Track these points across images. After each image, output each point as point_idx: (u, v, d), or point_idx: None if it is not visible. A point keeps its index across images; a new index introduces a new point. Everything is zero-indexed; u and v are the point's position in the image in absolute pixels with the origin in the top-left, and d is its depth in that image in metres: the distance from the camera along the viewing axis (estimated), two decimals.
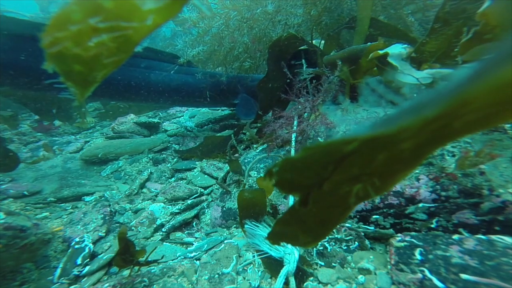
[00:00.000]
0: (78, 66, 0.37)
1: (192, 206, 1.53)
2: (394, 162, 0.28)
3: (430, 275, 0.84)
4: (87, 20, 0.35)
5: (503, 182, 0.97)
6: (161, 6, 0.35)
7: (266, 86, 1.89)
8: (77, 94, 0.41)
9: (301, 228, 0.37)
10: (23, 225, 1.11)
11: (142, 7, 0.35)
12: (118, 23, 0.36)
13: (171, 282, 1.05)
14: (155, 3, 0.35)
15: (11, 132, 2.67)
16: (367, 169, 0.29)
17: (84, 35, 0.36)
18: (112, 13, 0.35)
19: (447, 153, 1.10)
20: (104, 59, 0.38)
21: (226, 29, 1.94)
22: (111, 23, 0.36)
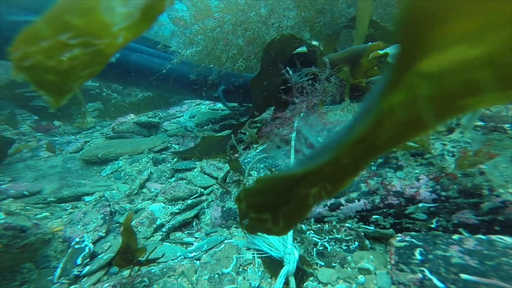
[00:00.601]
0: (51, 76, 0.39)
1: (192, 206, 1.53)
2: (338, 172, 0.34)
3: (430, 275, 0.84)
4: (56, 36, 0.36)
5: (503, 182, 0.97)
6: (130, 24, 0.37)
7: (260, 84, 1.89)
8: (51, 102, 0.42)
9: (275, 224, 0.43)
10: (23, 225, 1.11)
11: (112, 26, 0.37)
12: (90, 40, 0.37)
13: (171, 282, 1.05)
14: (125, 22, 0.37)
15: (11, 132, 2.67)
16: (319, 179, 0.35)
17: (55, 50, 0.37)
18: (82, 30, 0.37)
19: (447, 153, 1.10)
20: (78, 71, 0.39)
21: (220, 32, 1.95)
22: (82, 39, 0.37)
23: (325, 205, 1.16)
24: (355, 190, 1.14)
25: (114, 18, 0.37)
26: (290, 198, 0.39)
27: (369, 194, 1.11)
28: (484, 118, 1.32)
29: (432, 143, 1.15)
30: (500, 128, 1.24)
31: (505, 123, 1.26)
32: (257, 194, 0.39)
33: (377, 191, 1.10)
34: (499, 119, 1.28)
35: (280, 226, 0.42)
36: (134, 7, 0.37)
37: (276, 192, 0.38)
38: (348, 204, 1.13)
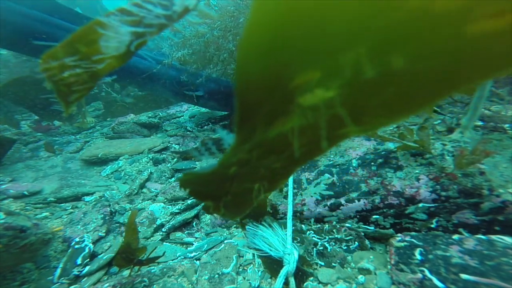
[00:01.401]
0: (63, 87, 0.54)
1: (192, 206, 1.53)
2: (272, 174, 0.39)
3: (430, 275, 0.84)
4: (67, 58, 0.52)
5: (503, 182, 0.97)
6: (117, 55, 0.52)
7: None
8: (63, 107, 0.58)
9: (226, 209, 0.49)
10: (23, 225, 1.11)
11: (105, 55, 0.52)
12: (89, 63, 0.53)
13: (171, 282, 1.05)
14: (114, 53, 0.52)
15: (11, 132, 2.67)
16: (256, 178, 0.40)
17: (65, 68, 0.52)
18: (85, 55, 0.52)
19: (447, 153, 1.10)
20: (79, 85, 0.54)
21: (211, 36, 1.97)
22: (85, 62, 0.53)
23: (325, 205, 1.16)
24: (355, 190, 1.14)
25: (108, 50, 0.52)
26: (227, 191, 0.44)
27: (369, 194, 1.11)
28: (484, 118, 1.32)
29: (432, 143, 1.15)
30: (500, 128, 1.24)
31: (504, 123, 1.26)
32: (196, 184, 0.44)
33: (377, 191, 1.10)
34: (499, 119, 1.28)
35: (222, 213, 0.48)
36: (121, 43, 0.51)
37: (213, 184, 0.43)
38: (348, 204, 1.13)
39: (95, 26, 0.50)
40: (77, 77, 0.54)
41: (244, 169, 0.38)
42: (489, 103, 1.42)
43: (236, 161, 0.36)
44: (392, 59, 0.21)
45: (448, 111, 1.49)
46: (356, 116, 0.25)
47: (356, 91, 0.23)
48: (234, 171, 0.39)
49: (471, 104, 1.13)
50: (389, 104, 0.24)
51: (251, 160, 0.36)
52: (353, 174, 1.19)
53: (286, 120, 0.28)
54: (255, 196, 0.44)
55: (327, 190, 1.18)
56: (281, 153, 0.33)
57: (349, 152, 1.29)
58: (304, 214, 1.19)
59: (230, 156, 0.35)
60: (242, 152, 0.34)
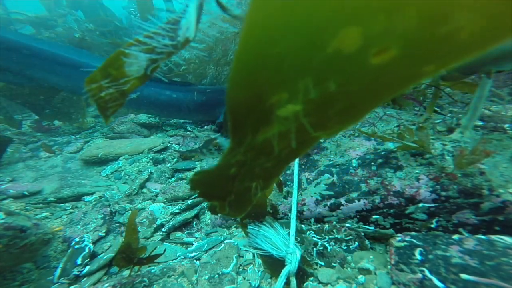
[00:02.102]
0: (102, 104, 0.72)
1: (192, 206, 1.53)
2: (265, 173, 0.47)
3: (430, 275, 0.84)
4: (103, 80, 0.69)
5: (503, 182, 0.97)
6: (138, 77, 0.68)
7: None
8: (103, 119, 0.76)
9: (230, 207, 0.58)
10: (23, 225, 1.11)
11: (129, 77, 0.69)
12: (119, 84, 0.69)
13: (171, 282, 1.05)
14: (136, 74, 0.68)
15: (11, 132, 2.67)
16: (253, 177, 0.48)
17: (102, 88, 0.70)
18: (115, 77, 0.69)
19: (447, 153, 1.10)
20: (112, 102, 0.72)
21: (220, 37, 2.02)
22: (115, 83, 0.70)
23: (325, 205, 1.16)
24: (355, 190, 1.14)
25: (131, 73, 0.68)
26: (231, 191, 0.52)
27: (369, 194, 1.11)
28: (484, 118, 1.32)
29: (432, 143, 1.15)
30: (500, 128, 1.24)
31: (504, 123, 1.26)
32: (204, 185, 0.51)
33: (377, 191, 1.10)
34: (499, 119, 1.28)
35: (227, 212, 0.56)
36: (140, 67, 0.67)
37: (218, 185, 0.51)
38: (348, 204, 1.13)
39: (120, 54, 0.67)
40: (111, 96, 0.72)
41: (243, 169, 0.46)
42: (489, 103, 1.42)
43: (235, 162, 0.44)
44: (328, 85, 0.30)
45: (448, 111, 1.49)
46: (321, 123, 0.34)
47: (315, 106, 0.32)
48: (235, 172, 0.46)
49: (471, 104, 1.13)
50: (340, 115, 0.32)
51: (247, 161, 0.44)
52: (353, 174, 1.19)
53: (269, 128, 0.36)
54: (254, 193, 0.52)
55: (327, 190, 1.18)
56: (270, 154, 0.41)
57: (349, 152, 1.29)
58: (304, 214, 1.19)
59: (229, 157, 0.42)
60: (239, 155, 0.42)
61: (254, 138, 0.38)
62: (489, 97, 1.41)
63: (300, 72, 0.29)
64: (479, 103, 1.10)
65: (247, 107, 0.34)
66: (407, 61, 0.27)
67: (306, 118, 0.33)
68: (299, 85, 0.30)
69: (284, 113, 0.33)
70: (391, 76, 0.28)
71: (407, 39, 0.25)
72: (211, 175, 0.47)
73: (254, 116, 0.35)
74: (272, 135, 0.37)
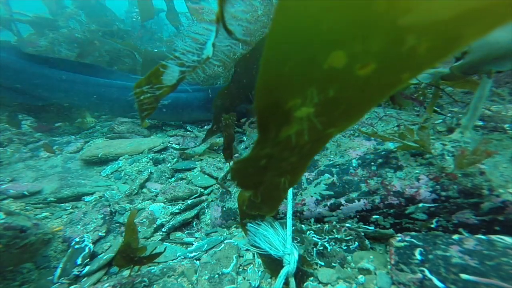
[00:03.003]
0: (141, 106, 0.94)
1: (192, 206, 1.53)
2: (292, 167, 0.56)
3: (430, 275, 0.84)
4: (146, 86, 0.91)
5: (503, 182, 0.97)
6: (170, 85, 0.88)
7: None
8: (141, 121, 1.00)
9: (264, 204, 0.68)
10: (23, 225, 1.11)
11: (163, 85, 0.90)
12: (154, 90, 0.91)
13: (171, 282, 1.05)
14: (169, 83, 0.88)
15: (11, 132, 2.67)
16: (281, 171, 0.57)
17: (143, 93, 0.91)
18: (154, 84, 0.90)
19: (447, 153, 1.10)
20: (147, 105, 0.93)
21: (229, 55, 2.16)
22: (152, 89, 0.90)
23: (325, 205, 1.16)
24: (355, 190, 1.14)
25: (166, 82, 0.88)
26: (262, 182, 0.61)
27: (369, 194, 1.11)
28: (484, 118, 1.32)
29: (432, 143, 1.15)
30: (500, 128, 1.24)
31: (505, 123, 1.26)
32: (240, 174, 0.59)
33: (377, 191, 1.10)
34: (499, 119, 1.28)
35: (259, 201, 0.66)
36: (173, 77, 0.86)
37: (251, 175, 0.59)
38: (348, 204, 1.13)
39: (161, 66, 0.85)
40: (148, 100, 0.90)
41: (271, 162, 0.54)
42: (489, 103, 1.42)
43: (264, 154, 0.52)
44: (328, 92, 0.39)
45: (448, 111, 1.49)
46: (330, 122, 0.43)
47: (323, 108, 0.41)
48: (264, 164, 0.55)
49: (471, 104, 1.13)
50: (344, 114, 0.41)
51: (274, 155, 0.52)
52: (353, 174, 1.18)
53: (289, 127, 0.45)
54: (283, 188, 0.60)
55: (327, 190, 1.18)
56: (293, 149, 0.50)
57: (349, 152, 1.29)
58: (304, 214, 1.19)
59: (258, 150, 0.51)
60: (266, 148, 0.50)
61: (277, 135, 0.47)
62: (490, 96, 1.41)
63: (306, 83, 0.38)
64: (479, 103, 1.10)
65: (270, 110, 0.43)
66: (386, 71, 0.35)
67: (318, 118, 0.42)
68: (307, 92, 0.40)
69: (300, 115, 0.43)
70: (377, 83, 0.37)
71: (380, 56, 0.34)
72: (245, 164, 0.56)
73: (276, 117, 0.44)
74: (292, 133, 0.46)
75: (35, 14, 3.88)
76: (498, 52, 0.97)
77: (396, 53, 0.33)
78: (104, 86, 2.50)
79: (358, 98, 0.39)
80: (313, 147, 0.49)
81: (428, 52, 0.33)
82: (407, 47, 0.33)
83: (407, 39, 0.32)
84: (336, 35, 0.33)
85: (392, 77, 0.36)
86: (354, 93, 0.38)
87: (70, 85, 2.47)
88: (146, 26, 4.59)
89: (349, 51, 0.34)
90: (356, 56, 0.34)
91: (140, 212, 1.53)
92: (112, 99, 2.52)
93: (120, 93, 2.50)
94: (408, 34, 0.32)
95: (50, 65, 2.49)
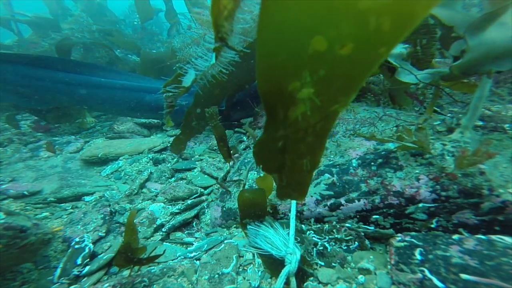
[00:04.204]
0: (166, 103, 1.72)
1: (192, 206, 1.53)
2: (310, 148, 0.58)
3: (430, 275, 0.84)
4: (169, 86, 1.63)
5: (503, 182, 0.97)
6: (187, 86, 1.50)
7: None
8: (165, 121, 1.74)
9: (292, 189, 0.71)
10: (23, 225, 1.11)
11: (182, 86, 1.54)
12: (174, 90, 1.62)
13: (171, 282, 1.05)
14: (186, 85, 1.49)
15: (11, 132, 2.67)
16: (300, 153, 0.60)
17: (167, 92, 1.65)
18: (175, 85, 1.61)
19: (447, 153, 1.10)
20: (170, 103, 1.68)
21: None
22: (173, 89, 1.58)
23: (325, 205, 1.16)
24: (355, 190, 1.14)
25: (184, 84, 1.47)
26: (284, 165, 0.64)
27: (369, 194, 1.11)
28: (484, 118, 1.32)
29: (432, 143, 1.15)
30: (500, 128, 1.24)
31: (505, 123, 1.26)
32: (261, 157, 0.64)
33: (377, 191, 1.10)
34: (499, 119, 1.28)
35: (284, 183, 0.69)
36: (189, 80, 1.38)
37: (271, 158, 0.63)
38: (348, 204, 1.13)
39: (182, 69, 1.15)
40: (170, 98, 1.23)
41: (288, 143, 0.58)
42: (489, 103, 1.42)
43: (279, 136, 0.57)
44: (320, 72, 0.44)
45: (448, 111, 1.49)
46: (331, 99, 0.48)
47: (321, 87, 0.46)
48: (282, 146, 0.59)
49: (471, 104, 1.13)
50: (340, 90, 0.46)
51: (289, 136, 0.56)
52: (353, 174, 1.18)
53: (296, 108, 0.50)
54: (306, 170, 0.63)
55: (327, 190, 1.18)
56: (306, 129, 0.54)
57: (349, 152, 1.29)
58: (304, 214, 1.19)
59: (271, 131, 0.56)
60: (280, 129, 0.55)
61: (286, 116, 0.51)
62: (490, 96, 1.41)
63: (298, 67, 0.44)
64: (479, 103, 1.10)
65: (273, 94, 0.48)
66: (363, 48, 0.41)
67: (319, 98, 0.48)
68: (302, 75, 0.45)
69: (302, 96, 0.48)
70: (360, 59, 0.42)
71: (353, 37, 0.40)
72: (263, 147, 0.60)
73: (282, 99, 0.49)
74: (300, 113, 0.51)
75: (35, 14, 3.88)
76: (497, 51, 0.97)
77: (365, 33, 0.39)
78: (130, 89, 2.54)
79: (348, 74, 0.44)
80: (325, 125, 0.53)
81: (392, 29, 0.38)
82: (373, 26, 0.38)
83: (369, 20, 0.38)
84: (313, 23, 0.39)
85: (371, 53, 0.41)
86: (343, 70, 0.43)
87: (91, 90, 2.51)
88: (147, 28, 4.60)
89: (327, 36, 0.40)
90: (333, 39, 0.40)
91: (140, 212, 1.53)
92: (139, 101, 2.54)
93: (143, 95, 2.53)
94: (369, 16, 0.37)
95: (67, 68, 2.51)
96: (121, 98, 2.51)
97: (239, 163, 1.67)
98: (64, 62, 2.58)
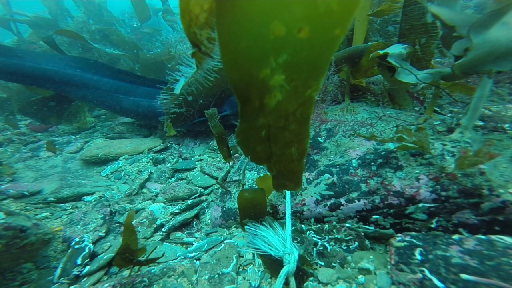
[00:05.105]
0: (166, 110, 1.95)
1: (192, 206, 1.53)
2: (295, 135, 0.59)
3: (430, 275, 0.84)
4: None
5: (503, 182, 0.97)
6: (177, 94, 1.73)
7: None
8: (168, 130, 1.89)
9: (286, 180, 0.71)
10: (23, 225, 1.11)
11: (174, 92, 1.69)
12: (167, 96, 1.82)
13: (171, 282, 1.05)
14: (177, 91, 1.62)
15: (11, 132, 2.67)
16: (287, 141, 0.60)
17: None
18: None
19: (447, 153, 1.10)
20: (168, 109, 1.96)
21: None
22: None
23: (325, 205, 1.16)
24: (355, 190, 1.14)
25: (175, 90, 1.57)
26: (272, 153, 0.64)
27: (369, 194, 1.11)
28: (484, 118, 1.32)
29: (432, 143, 1.15)
30: (500, 128, 1.24)
31: (505, 123, 1.26)
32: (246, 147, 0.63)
33: (377, 191, 1.10)
34: (499, 119, 1.28)
35: (274, 173, 0.70)
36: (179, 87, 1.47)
37: (257, 148, 0.63)
38: (348, 204, 1.12)
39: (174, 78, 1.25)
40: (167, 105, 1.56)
41: (272, 131, 0.58)
42: (489, 103, 1.42)
43: (261, 125, 0.56)
44: (284, 57, 0.45)
45: (448, 111, 1.49)
46: (303, 84, 0.49)
47: (291, 73, 0.47)
48: (265, 134, 0.59)
49: (471, 104, 1.13)
50: (309, 73, 0.48)
51: (271, 124, 0.56)
52: (353, 174, 1.18)
53: (271, 95, 0.51)
54: (296, 158, 0.64)
55: (327, 190, 1.18)
56: (287, 117, 0.54)
57: (349, 152, 1.29)
58: (304, 214, 1.19)
59: (251, 120, 0.55)
60: (260, 118, 0.54)
61: (262, 103, 0.52)
62: (490, 96, 1.41)
63: (263, 53, 0.45)
64: (479, 103, 1.10)
65: (245, 82, 0.48)
66: (320, 31, 0.43)
67: (292, 84, 0.49)
68: (269, 61, 0.46)
69: (274, 83, 0.49)
70: (320, 41, 0.44)
71: (307, 20, 0.42)
72: (246, 136, 0.59)
73: (255, 88, 0.49)
74: (275, 101, 0.51)
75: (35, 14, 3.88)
76: (499, 50, 0.97)
77: (317, 15, 0.41)
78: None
79: (312, 58, 0.46)
80: (304, 111, 0.54)
81: (340, 8, 0.41)
82: (323, 8, 0.41)
83: (318, 2, 0.40)
84: (268, 8, 0.41)
85: (327, 34, 0.43)
86: (306, 54, 0.45)
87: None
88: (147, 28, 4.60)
89: (283, 20, 0.42)
90: (290, 23, 0.42)
91: (140, 212, 1.53)
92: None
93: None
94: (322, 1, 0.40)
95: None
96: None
97: (239, 163, 1.67)
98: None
